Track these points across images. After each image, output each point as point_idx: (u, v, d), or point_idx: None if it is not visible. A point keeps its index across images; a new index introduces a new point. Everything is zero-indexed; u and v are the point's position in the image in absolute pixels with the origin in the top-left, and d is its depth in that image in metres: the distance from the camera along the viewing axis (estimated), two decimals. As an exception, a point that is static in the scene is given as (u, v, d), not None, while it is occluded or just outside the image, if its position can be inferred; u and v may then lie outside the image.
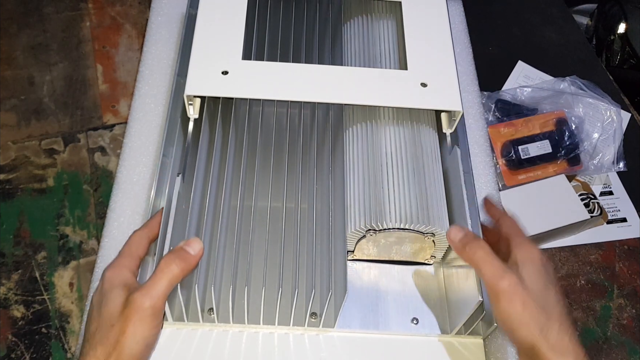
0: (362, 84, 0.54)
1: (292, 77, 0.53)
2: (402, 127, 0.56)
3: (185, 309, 0.48)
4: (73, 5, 0.84)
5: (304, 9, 0.64)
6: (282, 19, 0.63)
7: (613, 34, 1.05)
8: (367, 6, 0.65)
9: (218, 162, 0.55)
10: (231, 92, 0.52)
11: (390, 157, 0.54)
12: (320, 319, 0.50)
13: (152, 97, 0.66)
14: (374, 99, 0.53)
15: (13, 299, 0.61)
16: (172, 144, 0.54)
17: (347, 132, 0.57)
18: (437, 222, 0.50)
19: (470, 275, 0.48)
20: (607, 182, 0.76)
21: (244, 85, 0.52)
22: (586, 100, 0.78)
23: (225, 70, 0.53)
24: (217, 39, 0.55)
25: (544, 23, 0.92)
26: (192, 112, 0.54)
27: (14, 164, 0.69)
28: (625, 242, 0.72)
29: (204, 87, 0.52)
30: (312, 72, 0.54)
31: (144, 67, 0.68)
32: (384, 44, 0.61)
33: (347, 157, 0.55)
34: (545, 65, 0.85)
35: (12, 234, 0.64)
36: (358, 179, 0.53)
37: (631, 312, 0.67)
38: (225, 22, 0.56)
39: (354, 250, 0.54)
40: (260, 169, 0.53)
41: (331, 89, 0.53)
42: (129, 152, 0.62)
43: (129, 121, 0.64)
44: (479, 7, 0.92)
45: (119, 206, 0.58)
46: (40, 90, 0.75)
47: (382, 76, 0.55)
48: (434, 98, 0.54)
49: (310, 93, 0.53)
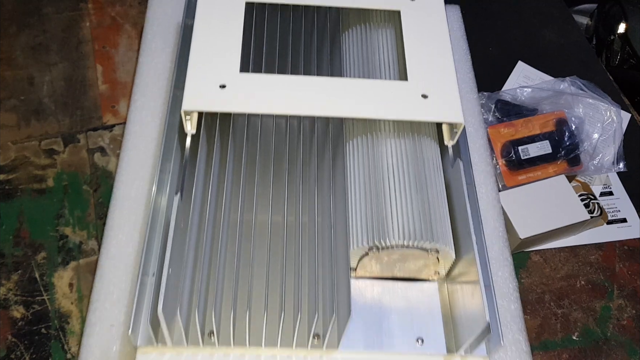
0: (362, 96, 0.53)
1: (291, 89, 0.52)
2: (403, 139, 0.55)
3: (185, 332, 0.47)
4: (73, 5, 0.84)
5: (302, 19, 0.63)
6: (279, 30, 0.62)
7: (613, 34, 1.05)
8: (366, 15, 0.64)
9: (217, 178, 0.54)
10: (229, 107, 0.51)
11: (391, 171, 0.53)
12: (324, 340, 0.49)
13: (148, 109, 0.65)
14: (374, 112, 0.52)
15: (13, 299, 0.61)
16: (169, 160, 0.53)
17: (348, 145, 0.56)
18: (441, 239, 0.50)
19: (476, 292, 0.47)
20: (607, 183, 0.76)
21: (243, 100, 0.51)
22: (586, 100, 0.78)
23: (223, 83, 0.52)
24: (214, 51, 0.54)
25: (543, 23, 0.92)
26: (189, 128, 0.53)
27: (13, 164, 0.69)
28: (625, 243, 0.72)
29: (201, 102, 0.51)
30: (311, 85, 0.53)
31: (139, 78, 0.67)
32: (383, 53, 0.61)
33: (347, 171, 0.55)
34: (545, 66, 0.85)
35: (11, 234, 0.64)
36: (359, 193, 0.53)
37: (631, 313, 0.67)
38: (222, 33, 0.55)
39: (356, 268, 0.53)
40: (259, 182, 0.53)
41: (331, 102, 0.52)
42: (125, 167, 0.61)
43: (125, 134, 0.63)
44: (479, 7, 0.92)
45: (117, 224, 0.58)
46: (40, 90, 0.75)
47: (382, 88, 0.54)
48: (435, 110, 0.53)
49: (309, 106, 0.52)
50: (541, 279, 0.68)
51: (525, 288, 0.67)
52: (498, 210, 0.64)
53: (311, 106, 0.52)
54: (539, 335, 0.64)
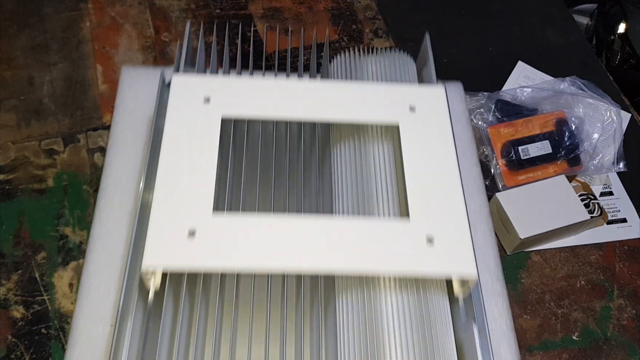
0: (357, 246, 0.45)
1: (275, 235, 0.44)
2: (406, 288, 0.47)
3: None
4: (73, 5, 0.84)
5: (286, 136, 0.55)
6: (260, 151, 0.54)
7: (613, 34, 1.05)
8: (360, 128, 0.55)
9: (185, 339, 0.46)
10: (200, 261, 0.43)
11: (392, 327, 0.45)
12: None
13: (113, 220, 0.57)
14: (370, 265, 0.44)
15: (13, 299, 0.61)
16: (129, 314, 0.44)
17: (339, 300, 0.47)
18: None
19: None
20: (607, 183, 0.76)
21: (217, 250, 0.43)
22: (586, 100, 0.78)
23: (193, 229, 0.44)
24: (183, 185, 0.46)
25: (544, 23, 0.92)
26: (152, 285, 0.43)
27: (13, 164, 0.69)
28: (625, 243, 0.72)
29: (165, 258, 0.42)
30: (299, 228, 0.45)
31: (105, 182, 0.59)
32: (380, 177, 0.52)
33: (339, 328, 0.46)
34: (545, 66, 0.85)
35: (11, 234, 0.64)
36: (353, 354, 0.44)
37: (631, 313, 0.67)
38: (193, 163, 0.47)
39: None
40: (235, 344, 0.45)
41: (321, 254, 0.44)
42: (86, 295, 0.52)
43: (87, 253, 0.55)
44: (479, 7, 0.92)
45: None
46: (40, 90, 0.75)
47: (379, 230, 0.46)
48: (443, 260, 0.45)
49: (296, 259, 0.44)
50: (541, 279, 0.68)
51: (525, 288, 0.67)
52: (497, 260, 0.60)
53: (298, 263, 0.44)
54: (539, 335, 0.64)
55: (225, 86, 0.53)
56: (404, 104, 0.53)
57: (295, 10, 0.87)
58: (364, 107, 0.53)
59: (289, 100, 0.53)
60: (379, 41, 0.85)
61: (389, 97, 0.54)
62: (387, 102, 0.53)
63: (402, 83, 0.58)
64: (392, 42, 0.86)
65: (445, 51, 0.86)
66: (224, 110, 0.51)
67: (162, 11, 0.84)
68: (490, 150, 0.73)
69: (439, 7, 0.91)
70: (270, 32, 0.84)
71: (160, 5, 0.85)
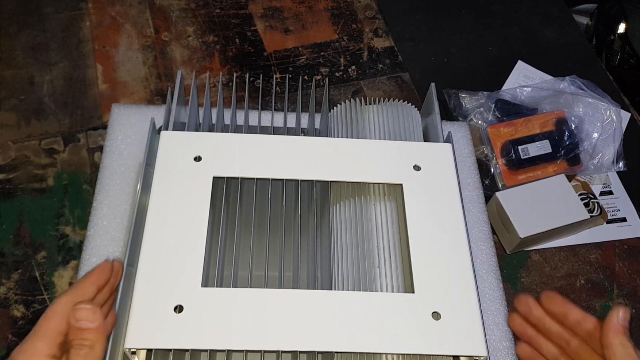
0: (358, 320, 0.42)
1: (270, 311, 0.42)
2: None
3: None
4: (73, 5, 0.84)
5: (282, 204, 0.51)
6: (255, 217, 0.50)
7: (613, 34, 1.05)
8: (361, 191, 0.52)
9: None
10: (187, 339, 0.40)
11: None
12: None
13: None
14: (372, 344, 0.41)
15: (13, 298, 0.61)
16: None
17: None
18: None
19: None
20: (607, 182, 0.76)
21: (205, 328, 0.40)
22: (586, 100, 0.78)
23: (180, 304, 0.41)
24: (170, 255, 0.43)
25: (544, 23, 0.92)
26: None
27: (14, 164, 0.69)
28: (625, 242, 0.72)
29: (150, 336, 0.40)
30: (295, 303, 0.42)
31: (92, 229, 0.58)
32: (382, 243, 0.48)
33: None
34: (545, 65, 0.85)
35: (12, 233, 0.64)
36: None
37: (631, 312, 0.67)
38: (181, 232, 0.44)
39: None
40: None
41: (318, 329, 0.42)
42: None
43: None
44: (479, 6, 0.92)
45: None
46: (40, 90, 0.75)
47: (383, 306, 0.43)
48: (450, 338, 0.42)
49: (292, 337, 0.41)
50: (541, 278, 0.68)
51: (525, 287, 0.67)
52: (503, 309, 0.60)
53: (293, 341, 0.41)
54: (538, 335, 0.64)
55: (218, 144, 0.50)
56: (408, 163, 0.51)
57: (295, 10, 0.87)
58: (365, 166, 0.50)
59: (285, 159, 0.50)
60: (378, 40, 0.86)
61: (392, 155, 0.51)
62: (390, 160, 0.51)
63: (405, 141, 0.54)
64: (392, 41, 0.86)
65: (445, 51, 0.86)
66: (216, 170, 0.48)
67: (162, 11, 0.84)
68: (490, 150, 0.74)
69: (439, 7, 0.91)
70: (271, 32, 0.85)
71: (160, 5, 0.85)
